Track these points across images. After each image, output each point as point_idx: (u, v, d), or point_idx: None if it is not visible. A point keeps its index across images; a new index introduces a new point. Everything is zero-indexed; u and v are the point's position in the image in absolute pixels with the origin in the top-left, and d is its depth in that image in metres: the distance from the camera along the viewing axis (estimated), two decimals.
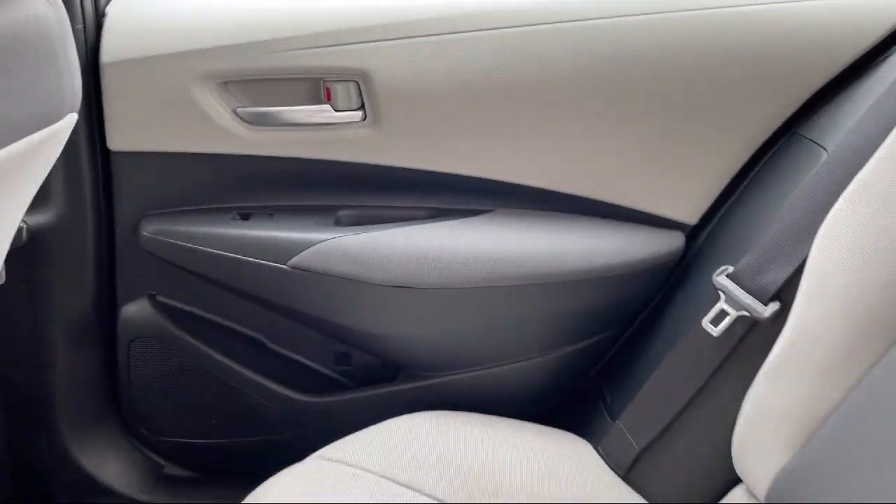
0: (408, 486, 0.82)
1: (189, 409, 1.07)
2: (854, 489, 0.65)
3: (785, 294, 0.80)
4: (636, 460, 0.91)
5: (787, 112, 0.90)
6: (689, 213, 0.96)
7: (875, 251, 0.71)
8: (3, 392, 0.98)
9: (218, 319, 1.03)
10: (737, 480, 0.85)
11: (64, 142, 0.69)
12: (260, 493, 0.79)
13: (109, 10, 0.89)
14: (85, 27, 0.86)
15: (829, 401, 0.73)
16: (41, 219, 0.93)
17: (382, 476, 0.82)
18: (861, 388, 0.71)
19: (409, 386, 1.02)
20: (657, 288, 0.99)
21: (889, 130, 0.75)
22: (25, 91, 0.59)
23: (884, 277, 0.70)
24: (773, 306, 0.80)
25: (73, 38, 0.65)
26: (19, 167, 0.63)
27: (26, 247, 0.91)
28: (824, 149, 0.86)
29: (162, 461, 1.14)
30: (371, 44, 0.89)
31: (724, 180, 0.95)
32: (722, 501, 0.87)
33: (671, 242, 0.97)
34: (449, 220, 0.96)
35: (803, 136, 0.91)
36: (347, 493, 0.79)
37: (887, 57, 0.86)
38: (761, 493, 0.79)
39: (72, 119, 0.68)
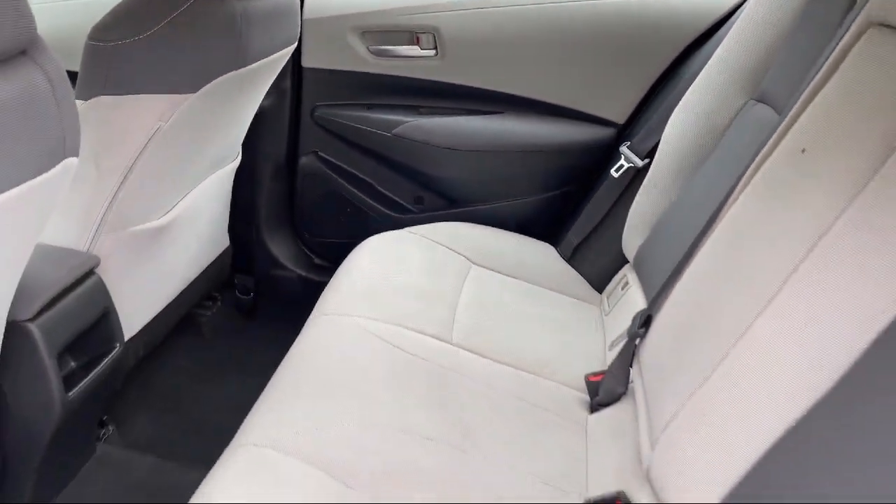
0: (448, 248, 1.54)
1: (332, 220, 1.86)
2: (670, 246, 1.30)
3: (652, 154, 1.49)
4: (574, 251, 1.63)
5: (671, 59, 1.59)
6: (619, 116, 1.67)
7: (692, 125, 1.39)
8: (233, 203, 1.78)
9: (350, 169, 1.81)
10: (626, 261, 1.54)
11: (288, 55, 1.47)
12: (368, 241, 1.55)
13: None
14: None
15: (665, 203, 1.42)
16: (264, 103, 1.73)
17: (435, 241, 1.55)
18: (681, 194, 1.39)
19: (452, 211, 1.77)
20: (599, 159, 1.69)
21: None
22: (290, 33, 1.37)
23: (693, 141, 1.39)
24: (646, 161, 1.51)
25: None
26: (276, 64, 1.41)
27: (254, 120, 1.71)
28: (683, 78, 1.54)
29: (313, 256, 1.94)
30: (442, 13, 1.64)
31: (638, 99, 1.64)
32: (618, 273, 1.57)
33: (607, 133, 1.68)
34: (479, 115, 1.71)
35: (679, 73, 1.59)
36: (413, 245, 1.53)
37: (727, 24, 1.52)
38: (631, 260, 1.48)
39: (294, 45, 1.46)
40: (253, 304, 1.95)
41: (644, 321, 1.12)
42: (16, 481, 1.13)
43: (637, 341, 1.13)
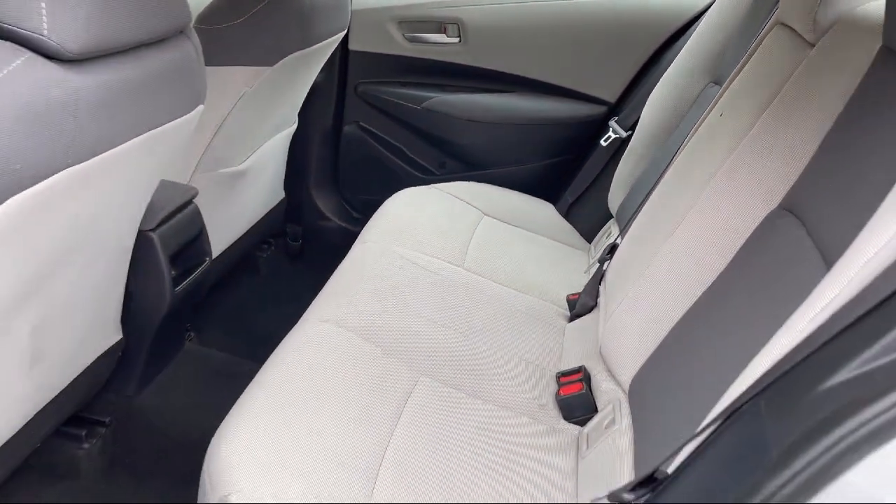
0: (465, 201, 1.89)
1: (370, 180, 2.21)
2: (641, 199, 1.65)
3: (634, 127, 1.82)
4: (570, 208, 1.96)
5: (654, 48, 1.92)
6: (611, 95, 2.00)
7: (665, 102, 1.72)
8: (287, 163, 2.14)
9: (386, 137, 2.17)
10: (611, 216, 1.88)
11: (339, 40, 1.82)
12: (399, 193, 1.89)
13: None
14: None
15: (641, 167, 1.75)
16: (317, 79, 2.08)
17: (454, 195, 1.90)
18: (653, 159, 1.72)
19: (469, 174, 2.11)
20: (593, 133, 2.03)
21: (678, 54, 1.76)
22: (342, 21, 1.72)
23: (665, 115, 1.72)
24: (629, 132, 1.84)
25: None
26: (330, 46, 1.76)
27: (308, 93, 2.06)
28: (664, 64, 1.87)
29: (352, 210, 2.30)
30: (466, 6, 1.99)
31: (627, 81, 1.97)
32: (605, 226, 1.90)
33: (601, 110, 2.02)
34: (495, 93, 2.05)
35: (661, 60, 1.91)
36: (436, 198, 1.88)
37: (699, 20, 1.84)
38: (615, 214, 1.81)
39: (345, 31, 1.81)
40: (300, 249, 2.31)
41: (610, 249, 1.46)
42: (132, 358, 1.50)
43: (605, 265, 1.46)
